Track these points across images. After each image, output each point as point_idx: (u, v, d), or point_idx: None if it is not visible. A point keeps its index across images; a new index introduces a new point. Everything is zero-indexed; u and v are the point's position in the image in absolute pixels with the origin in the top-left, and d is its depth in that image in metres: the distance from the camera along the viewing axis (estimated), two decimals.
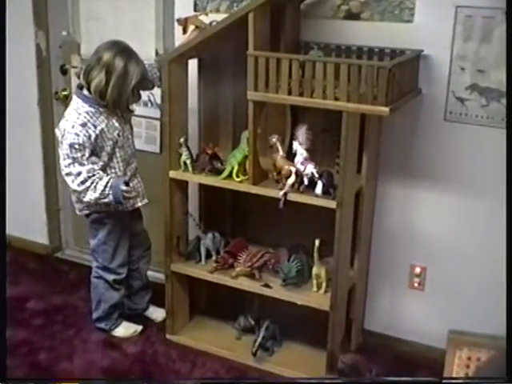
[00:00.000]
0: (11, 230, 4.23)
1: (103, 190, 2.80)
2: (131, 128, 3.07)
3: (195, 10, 3.22)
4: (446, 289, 3.02)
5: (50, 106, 3.94)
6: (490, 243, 2.85)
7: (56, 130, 2.94)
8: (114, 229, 3.09)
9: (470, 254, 2.94)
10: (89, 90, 2.83)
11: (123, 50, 2.83)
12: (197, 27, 2.93)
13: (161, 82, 2.95)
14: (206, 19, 2.97)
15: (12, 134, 4.02)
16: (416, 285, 3.09)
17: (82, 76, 2.85)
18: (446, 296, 3.03)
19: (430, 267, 3.04)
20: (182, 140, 2.92)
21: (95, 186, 2.80)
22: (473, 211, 2.89)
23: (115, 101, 2.83)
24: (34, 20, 3.75)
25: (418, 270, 3.06)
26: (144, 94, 3.31)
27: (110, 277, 3.15)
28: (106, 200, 2.83)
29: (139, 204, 3.09)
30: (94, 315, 3.28)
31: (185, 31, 2.95)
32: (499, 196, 2.67)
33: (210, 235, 3.06)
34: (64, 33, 3.78)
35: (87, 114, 2.84)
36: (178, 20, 2.97)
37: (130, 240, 3.20)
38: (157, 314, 3.40)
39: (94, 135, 2.82)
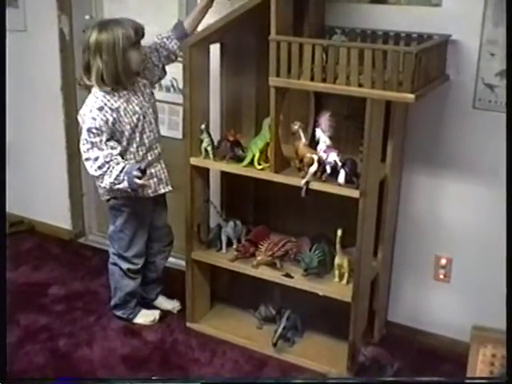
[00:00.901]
0: (35, 214, 4.28)
1: (118, 176, 2.77)
2: (155, 113, 3.00)
3: None
4: (473, 281, 2.95)
5: (74, 91, 3.91)
6: None
7: (78, 117, 2.91)
8: (132, 217, 3.04)
9: (497, 245, 2.85)
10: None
11: (97, 25, 2.80)
12: None
13: (168, 60, 2.98)
14: None
15: (35, 119, 4.05)
16: (441, 276, 3.02)
17: (83, 75, 2.85)
18: (472, 288, 2.96)
19: (456, 258, 2.97)
20: (203, 126, 2.88)
21: (111, 171, 2.77)
22: (500, 202, 2.79)
23: (116, 75, 2.77)
24: (58, 4, 3.72)
25: (443, 261, 2.98)
26: (167, 79, 3.28)
27: (125, 265, 3.13)
28: (120, 186, 2.79)
29: (162, 191, 3.04)
30: (112, 302, 3.27)
31: None
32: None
33: (231, 223, 3.02)
34: (87, 17, 3.76)
35: (104, 97, 2.80)
36: None
37: (150, 232, 3.15)
38: (166, 304, 3.36)
39: (111, 119, 2.79)
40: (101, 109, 2.78)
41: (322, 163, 2.62)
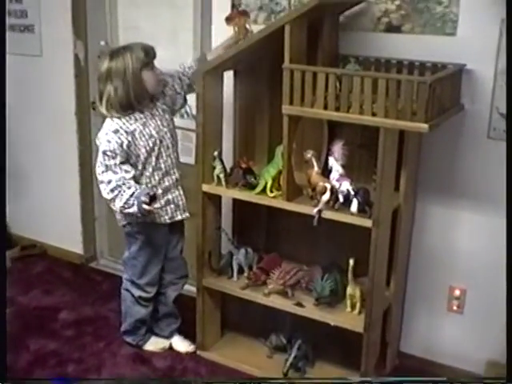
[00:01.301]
0: (47, 238, 4.28)
1: (128, 200, 2.75)
2: (174, 138, 2.99)
3: None
4: (487, 312, 2.91)
5: (88, 116, 3.94)
6: None
7: (96, 140, 2.91)
8: (146, 245, 3.02)
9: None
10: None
11: (109, 53, 2.83)
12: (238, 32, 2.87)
13: (190, 89, 2.98)
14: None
15: (49, 143, 4.07)
16: (455, 307, 2.98)
17: (98, 103, 2.87)
18: (486, 320, 2.91)
19: (470, 289, 2.93)
20: (215, 153, 2.87)
21: (122, 195, 2.77)
22: None
23: (127, 100, 2.78)
24: (73, 30, 3.76)
25: (457, 292, 2.95)
26: None
27: (137, 292, 3.11)
28: (130, 210, 2.78)
29: (179, 217, 3.01)
30: (122, 327, 3.25)
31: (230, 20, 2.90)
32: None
33: (242, 250, 3.00)
34: (102, 43, 3.78)
35: (120, 120, 2.81)
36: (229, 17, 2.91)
37: (163, 262, 3.12)
38: (181, 346, 3.26)
39: (126, 142, 2.79)
40: (116, 131, 2.79)
41: (334, 192, 2.60)
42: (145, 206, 2.73)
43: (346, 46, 2.89)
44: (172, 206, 2.96)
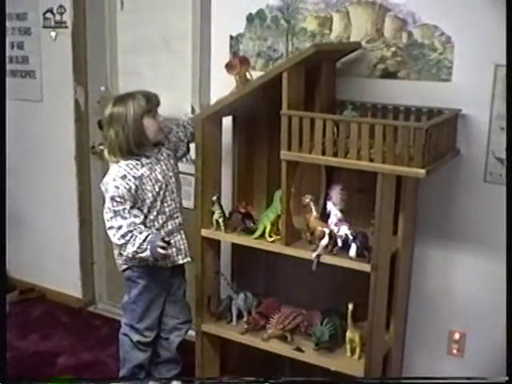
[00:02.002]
0: (46, 282, 4.27)
1: (141, 244, 2.75)
2: (178, 183, 3.00)
3: None
4: (487, 356, 2.89)
5: (87, 160, 3.97)
6: None
7: (101, 185, 2.91)
8: (147, 290, 3.00)
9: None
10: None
11: (113, 100, 2.88)
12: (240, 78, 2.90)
13: (193, 138, 2.97)
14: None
15: (48, 187, 4.09)
16: (455, 351, 2.96)
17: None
18: (487, 364, 2.89)
19: (470, 333, 2.92)
20: (214, 198, 2.88)
21: (134, 240, 2.75)
22: None
23: (127, 145, 2.79)
24: (74, 76, 3.81)
25: (457, 335, 2.93)
26: None
27: (135, 337, 3.07)
28: (143, 255, 2.77)
29: (180, 261, 3.00)
30: (120, 373, 3.21)
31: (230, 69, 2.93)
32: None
33: (241, 295, 2.99)
34: (102, 88, 3.83)
35: (127, 166, 2.82)
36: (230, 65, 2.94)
37: (166, 306, 3.10)
38: None
39: (134, 186, 2.80)
40: (124, 177, 2.79)
41: (333, 236, 2.60)
42: (160, 251, 2.73)
43: (344, 92, 2.92)
44: (174, 249, 2.95)
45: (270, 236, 2.78)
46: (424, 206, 2.87)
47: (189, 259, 3.03)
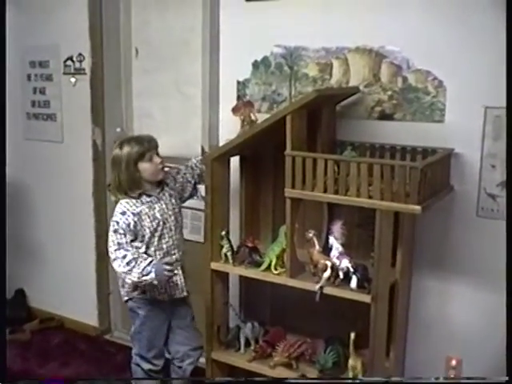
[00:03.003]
0: (64, 311, 4.26)
1: (146, 267, 2.73)
2: (177, 221, 2.98)
3: None
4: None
5: (104, 196, 3.98)
6: None
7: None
8: (148, 320, 2.99)
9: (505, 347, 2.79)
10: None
11: (119, 142, 2.89)
12: (243, 121, 2.93)
13: (200, 179, 3.01)
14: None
15: (68, 222, 4.10)
16: (452, 377, 2.93)
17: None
18: None
19: (467, 359, 2.89)
20: (223, 233, 2.90)
21: (139, 265, 2.75)
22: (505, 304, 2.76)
23: (120, 187, 2.84)
24: (92, 118, 3.85)
25: (454, 362, 2.91)
26: None
27: (146, 366, 3.06)
28: (148, 277, 2.73)
29: (177, 296, 2.98)
30: None
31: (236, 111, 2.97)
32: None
33: (249, 324, 2.98)
34: (118, 129, 3.87)
35: (127, 203, 2.84)
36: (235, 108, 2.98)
37: (176, 334, 3.07)
38: None
39: (132, 222, 2.82)
40: (123, 213, 2.82)
41: (335, 269, 2.61)
42: (166, 272, 2.74)
43: (343, 133, 2.95)
44: (171, 284, 2.94)
45: (276, 269, 2.78)
46: (421, 239, 2.87)
47: (185, 294, 3.01)
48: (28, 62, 4.03)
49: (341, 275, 2.60)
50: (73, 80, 3.86)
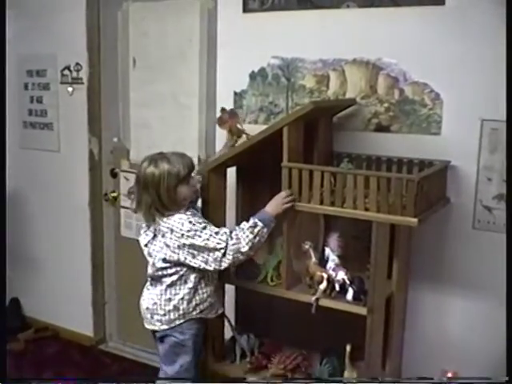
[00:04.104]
0: (59, 321, 4.24)
1: (250, 226, 2.55)
2: None
3: None
4: None
5: (100, 206, 3.99)
6: None
7: (182, 240, 2.55)
8: (195, 354, 2.75)
9: (501, 359, 2.78)
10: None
11: (148, 160, 2.61)
12: (231, 131, 2.90)
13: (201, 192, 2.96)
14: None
15: (63, 231, 4.09)
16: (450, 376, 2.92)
17: (136, 206, 2.65)
18: None
19: (463, 372, 2.88)
20: None
21: (242, 229, 2.55)
22: (501, 317, 2.73)
23: (162, 209, 2.56)
24: (89, 128, 3.85)
25: (449, 374, 2.89)
26: None
27: None
28: (259, 226, 2.54)
29: (219, 311, 2.84)
30: None
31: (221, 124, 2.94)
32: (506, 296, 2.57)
33: (245, 336, 2.97)
34: (115, 139, 3.86)
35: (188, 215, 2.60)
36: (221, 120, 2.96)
37: None
38: None
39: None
40: (190, 222, 2.55)
41: (331, 281, 2.60)
42: (285, 205, 2.57)
43: (340, 145, 2.95)
44: (216, 299, 2.79)
45: (272, 280, 2.77)
46: (417, 251, 2.87)
47: (222, 309, 2.90)
48: (25, 71, 4.03)
49: (337, 287, 2.59)
50: (70, 89, 3.85)
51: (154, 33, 3.56)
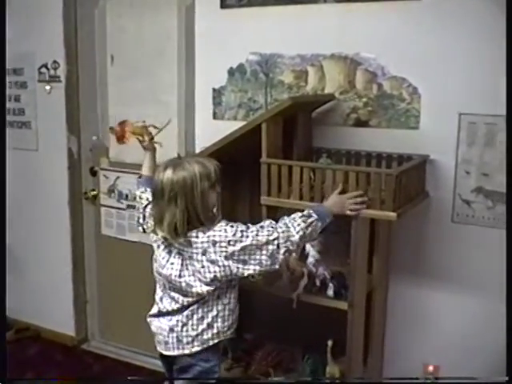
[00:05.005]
0: (40, 321, 4.20)
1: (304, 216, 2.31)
2: None
3: (214, 117, 3.25)
4: None
5: (80, 205, 3.95)
6: (502, 340, 2.71)
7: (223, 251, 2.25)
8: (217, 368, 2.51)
9: (482, 352, 2.80)
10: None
11: (170, 166, 2.27)
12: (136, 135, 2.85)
13: None
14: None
15: (43, 231, 4.05)
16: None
17: (156, 226, 2.29)
18: None
19: (443, 365, 2.89)
20: None
21: (298, 219, 2.30)
22: (481, 310, 2.77)
23: (195, 221, 2.26)
24: (67, 126, 3.80)
25: (430, 368, 2.91)
26: None
27: None
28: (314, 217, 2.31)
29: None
30: None
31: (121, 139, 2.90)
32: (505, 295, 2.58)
33: None
34: (94, 137, 3.82)
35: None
36: (111, 128, 2.94)
37: None
38: None
39: None
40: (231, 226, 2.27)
41: (311, 276, 2.59)
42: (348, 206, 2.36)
43: (319, 140, 2.94)
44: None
45: (253, 277, 2.74)
46: (397, 245, 2.87)
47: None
48: None
49: (317, 283, 2.59)
50: (48, 87, 3.80)
51: (132, 30, 3.53)
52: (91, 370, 3.81)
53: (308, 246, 2.63)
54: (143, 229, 2.60)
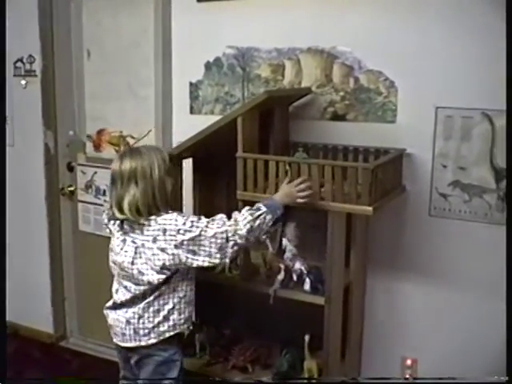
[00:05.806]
0: (18, 318, 4.15)
1: (255, 210, 2.35)
2: None
3: (191, 112, 3.22)
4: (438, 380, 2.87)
5: (57, 200, 3.91)
6: (477, 332, 2.73)
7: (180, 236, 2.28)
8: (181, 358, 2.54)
9: (459, 344, 2.80)
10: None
11: (128, 152, 2.37)
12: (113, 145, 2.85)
13: None
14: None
15: (19, 227, 4.00)
16: (407, 376, 2.93)
17: (115, 208, 2.33)
18: None
19: (422, 359, 2.89)
20: None
21: (253, 211, 2.34)
22: (458, 303, 2.78)
23: (153, 204, 2.31)
24: (43, 121, 3.76)
25: (408, 361, 2.91)
26: None
27: None
28: (262, 210, 2.33)
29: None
30: None
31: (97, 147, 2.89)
32: (482, 288, 2.65)
33: (204, 329, 2.94)
34: (71, 132, 3.78)
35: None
36: (89, 136, 2.93)
37: None
38: None
39: None
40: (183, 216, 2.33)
41: (288, 271, 2.58)
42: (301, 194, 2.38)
43: (296, 134, 2.93)
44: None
45: (230, 272, 2.74)
46: (374, 239, 2.87)
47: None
48: None
49: (294, 277, 2.58)
50: (23, 82, 3.75)
51: (108, 23, 3.49)
52: (70, 367, 3.78)
53: (285, 241, 2.61)
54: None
